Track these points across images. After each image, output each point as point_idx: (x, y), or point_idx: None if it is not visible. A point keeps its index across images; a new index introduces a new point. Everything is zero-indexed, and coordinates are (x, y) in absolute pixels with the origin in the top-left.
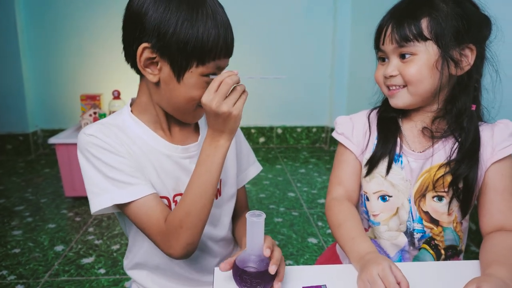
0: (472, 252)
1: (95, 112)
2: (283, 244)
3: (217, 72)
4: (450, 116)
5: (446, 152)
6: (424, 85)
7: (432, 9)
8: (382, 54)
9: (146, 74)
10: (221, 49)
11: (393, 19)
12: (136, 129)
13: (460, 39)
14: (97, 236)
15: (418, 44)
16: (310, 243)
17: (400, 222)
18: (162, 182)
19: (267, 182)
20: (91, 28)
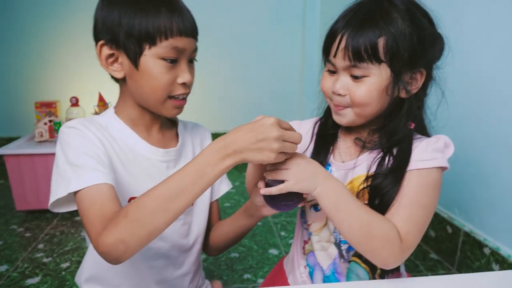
0: (430, 260)
1: (51, 120)
2: (243, 256)
3: (177, 55)
4: (385, 131)
5: (368, 163)
6: (371, 108)
7: (390, 26)
8: (332, 67)
9: (111, 72)
10: (173, 27)
11: (347, 30)
12: (117, 129)
13: (413, 64)
14: (46, 253)
15: (372, 66)
16: (271, 254)
17: (330, 233)
18: (137, 183)
19: (233, 190)
20: (48, 33)
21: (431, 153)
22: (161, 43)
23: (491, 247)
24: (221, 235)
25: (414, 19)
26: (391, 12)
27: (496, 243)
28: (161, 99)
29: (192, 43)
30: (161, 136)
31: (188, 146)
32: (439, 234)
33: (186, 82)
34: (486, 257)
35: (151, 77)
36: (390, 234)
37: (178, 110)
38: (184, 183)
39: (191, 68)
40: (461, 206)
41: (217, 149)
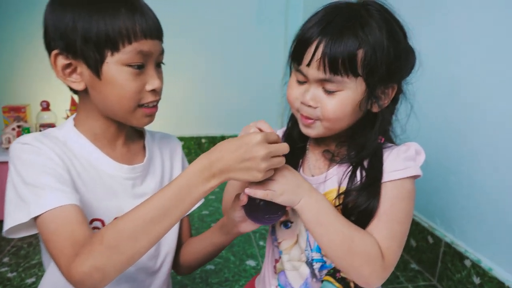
0: (411, 270)
1: (19, 125)
2: (219, 268)
3: (144, 60)
4: (354, 144)
5: (338, 177)
6: (342, 123)
7: (369, 36)
8: (302, 77)
9: (69, 84)
10: (136, 29)
11: (325, 37)
12: (78, 143)
13: (388, 79)
14: (11, 267)
15: (348, 80)
16: (248, 266)
17: (301, 251)
18: (100, 203)
19: (213, 196)
20: (16, 33)
21: (403, 162)
22: (125, 48)
23: (472, 259)
24: (193, 253)
25: (391, 30)
26: (369, 21)
27: (477, 255)
28: (130, 109)
29: (158, 45)
30: (126, 150)
31: (156, 160)
32: (420, 244)
33: (155, 89)
34: (467, 269)
35: (117, 86)
36: (372, 250)
37: (149, 118)
38: (167, 205)
39: (159, 72)
40: (442, 216)
41: (201, 169)
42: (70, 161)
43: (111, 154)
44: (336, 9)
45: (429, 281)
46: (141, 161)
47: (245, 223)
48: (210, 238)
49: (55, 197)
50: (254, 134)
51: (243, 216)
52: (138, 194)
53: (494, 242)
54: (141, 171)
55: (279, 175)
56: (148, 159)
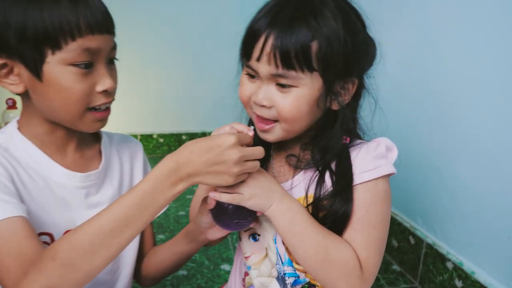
0: (393, 272)
1: None
2: (192, 274)
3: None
4: (318, 146)
5: (305, 184)
6: (301, 123)
7: (323, 27)
8: (253, 72)
9: (6, 86)
10: (80, 25)
11: (274, 29)
12: (22, 150)
13: (347, 72)
14: None
15: (302, 75)
16: (223, 271)
17: (272, 265)
18: (50, 216)
19: (190, 196)
20: None
21: (373, 162)
22: (68, 45)
23: (454, 262)
24: (157, 263)
25: (347, 19)
26: (323, 10)
27: (460, 257)
28: (78, 113)
29: (108, 40)
30: (79, 156)
31: (114, 165)
32: (402, 245)
33: (107, 89)
34: (449, 271)
35: (62, 89)
36: (349, 262)
37: (100, 123)
38: (129, 214)
39: (111, 70)
40: (424, 215)
41: (168, 173)
42: (14, 170)
43: (61, 161)
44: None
45: (411, 283)
46: (96, 167)
47: (212, 230)
48: (174, 246)
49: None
50: (227, 135)
51: (210, 222)
52: (92, 204)
53: (477, 244)
54: (96, 179)
55: (249, 177)
56: (105, 165)
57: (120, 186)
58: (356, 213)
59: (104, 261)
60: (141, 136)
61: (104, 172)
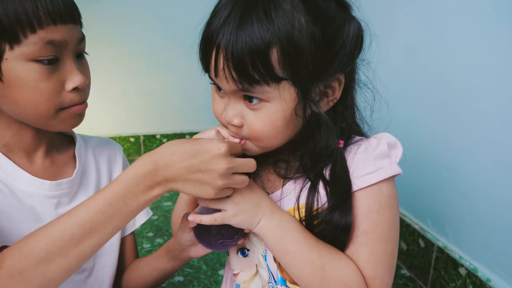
0: (402, 277)
1: None
2: (188, 280)
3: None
4: (307, 151)
5: (296, 193)
6: (277, 139)
7: (281, 26)
8: (218, 86)
9: None
10: (39, 13)
11: (223, 38)
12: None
13: (323, 72)
14: None
15: (269, 88)
16: (221, 276)
17: (263, 284)
18: (16, 229)
19: None
20: None
21: (373, 163)
22: (27, 38)
23: (467, 267)
24: (137, 278)
25: (313, 7)
26: (280, 3)
27: (474, 263)
28: (49, 114)
29: (74, 31)
30: (50, 162)
31: (90, 172)
32: (411, 248)
33: (78, 86)
34: (462, 278)
35: (26, 89)
36: (351, 282)
37: (78, 118)
38: (95, 220)
39: (82, 65)
40: (434, 216)
41: (143, 174)
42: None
43: (28, 167)
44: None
45: None
46: (70, 175)
47: (195, 247)
48: (156, 263)
49: None
50: (217, 141)
51: (192, 239)
52: None
53: (493, 249)
54: (69, 187)
55: (234, 191)
56: (79, 172)
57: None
58: (358, 225)
59: (61, 273)
60: (144, 137)
61: (78, 180)
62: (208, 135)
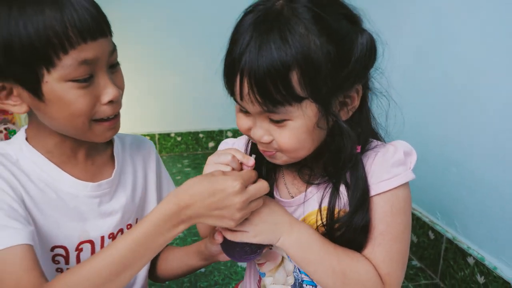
0: (412, 268)
1: (6, 128)
2: (209, 271)
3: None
4: (328, 156)
5: (318, 197)
6: (306, 150)
7: (299, 50)
8: (243, 108)
9: (9, 108)
10: (68, 32)
11: (245, 65)
12: (31, 161)
13: (342, 86)
14: None
15: (291, 108)
16: (240, 267)
17: (287, 274)
18: (62, 228)
19: None
20: None
21: (391, 170)
22: (61, 61)
23: (475, 257)
24: (168, 268)
25: (326, 27)
26: (295, 27)
27: (481, 252)
28: (85, 127)
29: (105, 45)
30: (91, 164)
31: (127, 171)
32: (421, 240)
33: (112, 99)
34: (470, 267)
35: (64, 106)
36: (369, 281)
37: (112, 131)
38: (128, 257)
39: (115, 76)
40: (443, 209)
41: (169, 215)
42: (22, 187)
43: (71, 171)
44: (254, 21)
45: (431, 279)
46: (108, 175)
47: (223, 254)
48: (186, 259)
49: (3, 236)
50: (231, 180)
51: (220, 250)
52: (106, 212)
53: (499, 239)
54: (109, 187)
55: (253, 213)
56: (117, 172)
57: (133, 191)
58: (376, 227)
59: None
60: (159, 135)
61: (117, 180)
62: (224, 160)
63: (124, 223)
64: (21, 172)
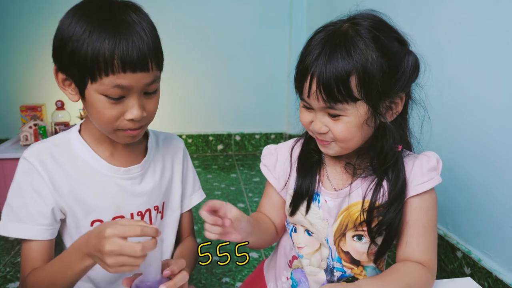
0: None
1: (35, 124)
2: (223, 260)
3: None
4: (374, 153)
5: (363, 190)
6: (355, 141)
7: (359, 60)
8: (307, 105)
9: (67, 95)
10: (114, 63)
11: (316, 70)
12: (79, 149)
13: (389, 92)
14: None
15: (347, 106)
16: (251, 258)
17: (322, 259)
18: (101, 204)
19: (219, 192)
20: (33, 35)
21: (427, 174)
22: (102, 79)
23: (463, 251)
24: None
25: (381, 45)
26: (357, 42)
27: (468, 246)
28: (108, 130)
29: (141, 78)
30: (128, 153)
31: (157, 161)
32: None
33: (133, 118)
34: (459, 260)
35: (95, 111)
36: (422, 277)
37: (131, 138)
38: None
39: (148, 100)
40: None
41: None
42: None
43: (109, 158)
44: (326, 37)
45: None
46: (139, 162)
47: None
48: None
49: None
50: (109, 225)
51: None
52: (135, 193)
53: (483, 234)
54: (139, 171)
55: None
56: (146, 161)
57: (161, 179)
58: (417, 221)
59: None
60: None
61: (145, 167)
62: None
63: (151, 204)
64: (69, 159)
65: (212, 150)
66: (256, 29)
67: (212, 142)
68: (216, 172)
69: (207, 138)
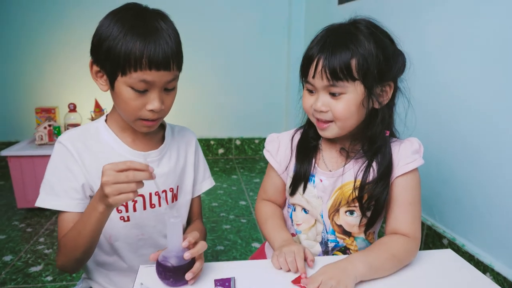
0: None
1: (50, 124)
2: (228, 249)
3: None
4: (366, 138)
5: (355, 171)
6: (352, 121)
7: (358, 47)
8: (311, 87)
9: (98, 85)
10: (142, 61)
11: (323, 54)
12: (105, 136)
13: (382, 78)
14: (47, 245)
15: (347, 84)
16: (254, 247)
17: (317, 233)
18: None
19: (221, 191)
20: (47, 41)
21: (411, 156)
22: (131, 74)
23: (448, 238)
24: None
25: (377, 40)
26: (357, 35)
27: (453, 234)
28: (131, 119)
29: (164, 76)
30: (148, 140)
31: (173, 148)
32: None
33: (154, 110)
34: (445, 247)
35: (122, 101)
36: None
37: (148, 128)
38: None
39: (167, 96)
40: (426, 202)
41: (92, 200)
42: (94, 156)
43: (131, 144)
44: (330, 31)
45: None
46: (156, 148)
47: None
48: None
49: (65, 204)
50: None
51: None
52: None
53: (466, 222)
54: (156, 156)
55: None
56: (163, 148)
57: (175, 164)
58: (403, 197)
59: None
60: None
61: (162, 153)
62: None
63: (167, 186)
64: (98, 144)
65: (213, 153)
66: (256, 39)
67: (214, 146)
68: (218, 174)
69: (209, 142)
